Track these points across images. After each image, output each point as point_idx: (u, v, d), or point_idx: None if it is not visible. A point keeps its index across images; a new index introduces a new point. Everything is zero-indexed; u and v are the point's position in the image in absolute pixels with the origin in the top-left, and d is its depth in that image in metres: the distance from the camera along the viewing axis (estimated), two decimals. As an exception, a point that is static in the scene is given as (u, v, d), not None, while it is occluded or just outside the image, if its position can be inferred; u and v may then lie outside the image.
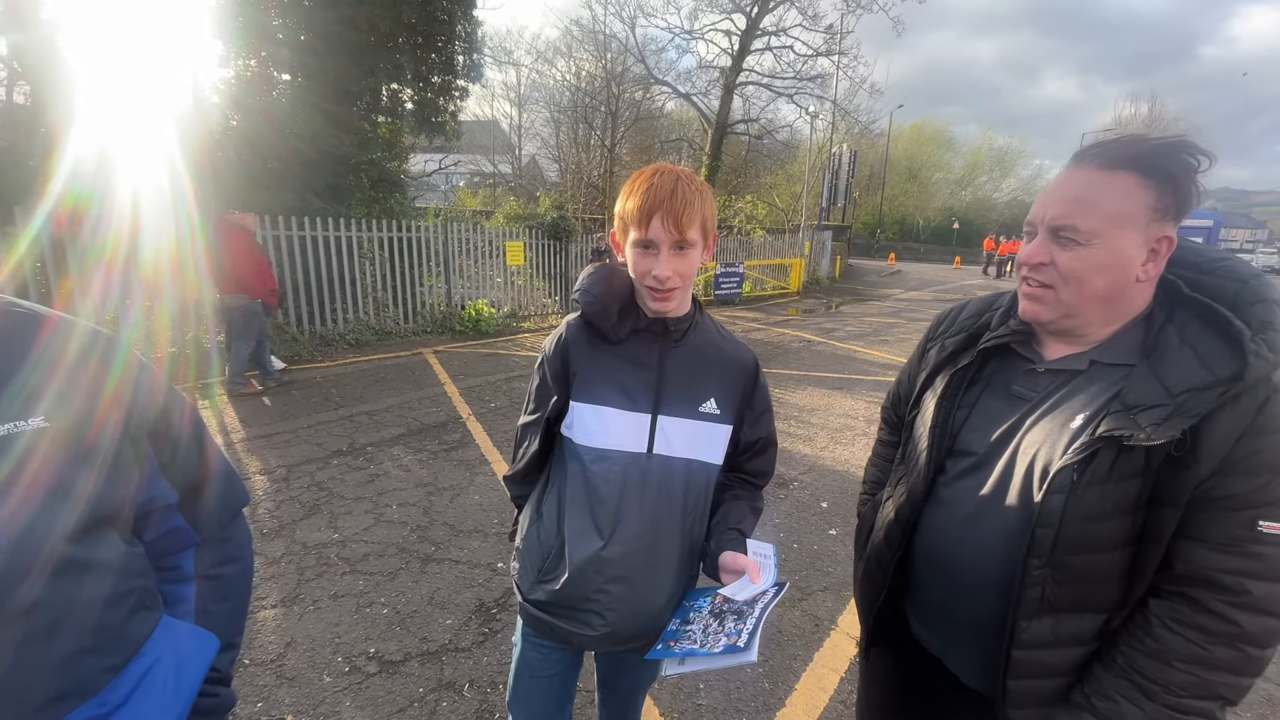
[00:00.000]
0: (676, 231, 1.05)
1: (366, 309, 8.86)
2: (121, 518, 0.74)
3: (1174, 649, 0.82)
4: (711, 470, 1.21)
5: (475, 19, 9.82)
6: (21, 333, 0.69)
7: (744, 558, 1.11)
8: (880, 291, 17.63)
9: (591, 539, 1.14)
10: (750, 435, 1.25)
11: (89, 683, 0.68)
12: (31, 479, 0.64)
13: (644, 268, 1.09)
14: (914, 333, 10.11)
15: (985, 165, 45.90)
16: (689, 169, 1.14)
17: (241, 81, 8.53)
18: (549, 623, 1.19)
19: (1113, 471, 0.84)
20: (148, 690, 0.73)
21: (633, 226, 1.08)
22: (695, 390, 1.18)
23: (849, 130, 25.04)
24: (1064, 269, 0.91)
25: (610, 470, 1.14)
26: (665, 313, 1.15)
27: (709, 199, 1.10)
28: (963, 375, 1.08)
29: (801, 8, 19.74)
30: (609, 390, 1.15)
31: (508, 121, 30.17)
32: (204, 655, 0.83)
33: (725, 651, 0.96)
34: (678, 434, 1.16)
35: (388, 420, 5.10)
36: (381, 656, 2.33)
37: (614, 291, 1.16)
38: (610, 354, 1.16)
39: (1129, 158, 0.87)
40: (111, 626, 0.70)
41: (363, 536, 3.21)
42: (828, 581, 2.91)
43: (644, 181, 1.08)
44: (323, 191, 8.70)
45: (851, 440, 4.85)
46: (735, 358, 1.23)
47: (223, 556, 0.91)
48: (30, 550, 0.62)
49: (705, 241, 1.12)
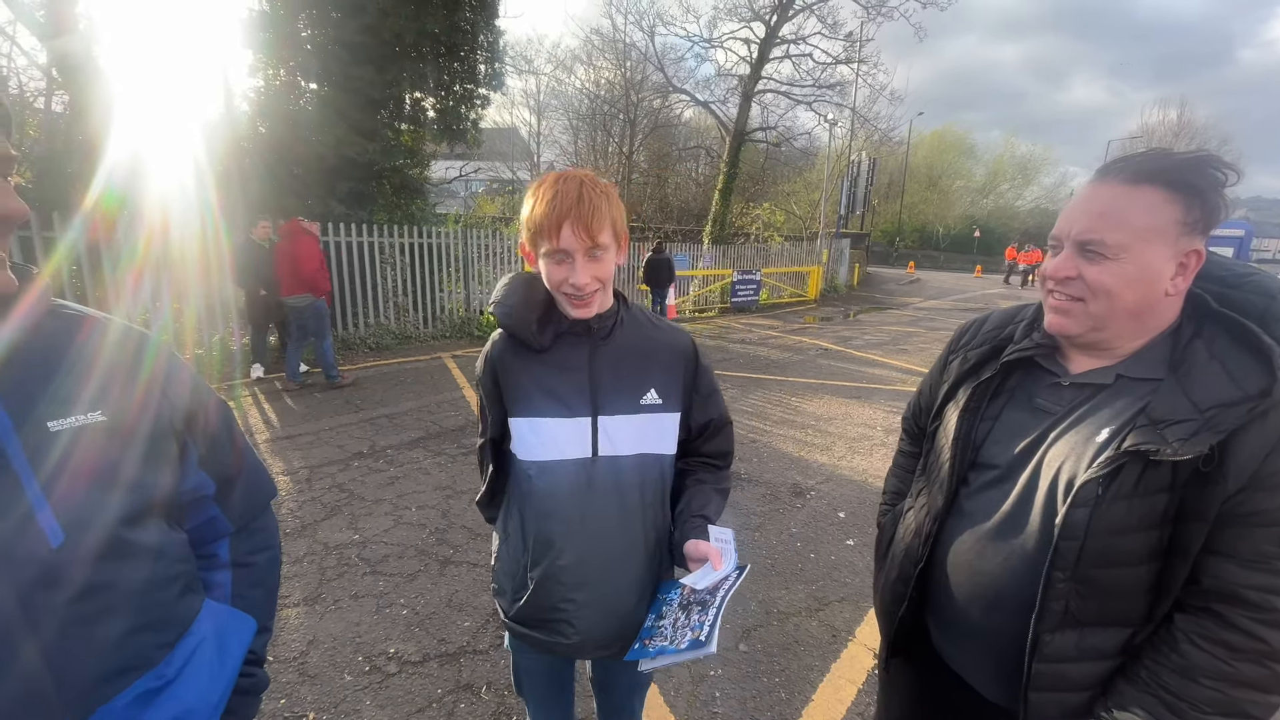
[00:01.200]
0: (589, 238, 1.03)
1: (387, 313, 8.99)
2: (166, 506, 0.79)
3: (1200, 665, 0.82)
4: (665, 460, 1.20)
5: (497, 29, 9.98)
6: (71, 332, 0.73)
7: (705, 545, 1.10)
8: (899, 300, 17.47)
9: (548, 552, 1.14)
10: (700, 418, 1.24)
11: (146, 657, 0.72)
12: (91, 468, 0.68)
13: (560, 277, 1.07)
14: (933, 342, 10.00)
15: (1008, 173, 45.31)
16: (591, 173, 1.12)
17: (270, 90, 8.75)
18: (530, 636, 1.22)
19: (1139, 486, 0.84)
20: (196, 666, 0.78)
21: (543, 238, 1.05)
22: (633, 384, 1.16)
23: (868, 138, 24.93)
24: (1093, 282, 0.90)
25: (557, 482, 1.13)
26: (586, 316, 1.13)
27: (616, 201, 1.09)
28: (986, 388, 1.08)
29: (821, 16, 19.68)
30: (542, 400, 1.13)
31: (527, 129, 30.49)
32: (244, 635, 0.88)
33: (690, 647, 0.98)
34: (621, 432, 1.14)
35: (407, 423, 5.16)
36: (401, 657, 2.36)
37: (532, 300, 1.14)
38: (538, 363, 1.14)
39: (1155, 172, 0.87)
40: (163, 606, 0.75)
41: (383, 538, 3.26)
42: (845, 592, 2.89)
43: (548, 190, 1.05)
44: (346, 197, 8.87)
45: (870, 450, 4.81)
46: (670, 344, 1.21)
47: (255, 545, 0.96)
48: (93, 533, 0.67)
49: (618, 243, 1.11)
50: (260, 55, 8.61)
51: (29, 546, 0.62)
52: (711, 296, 14.30)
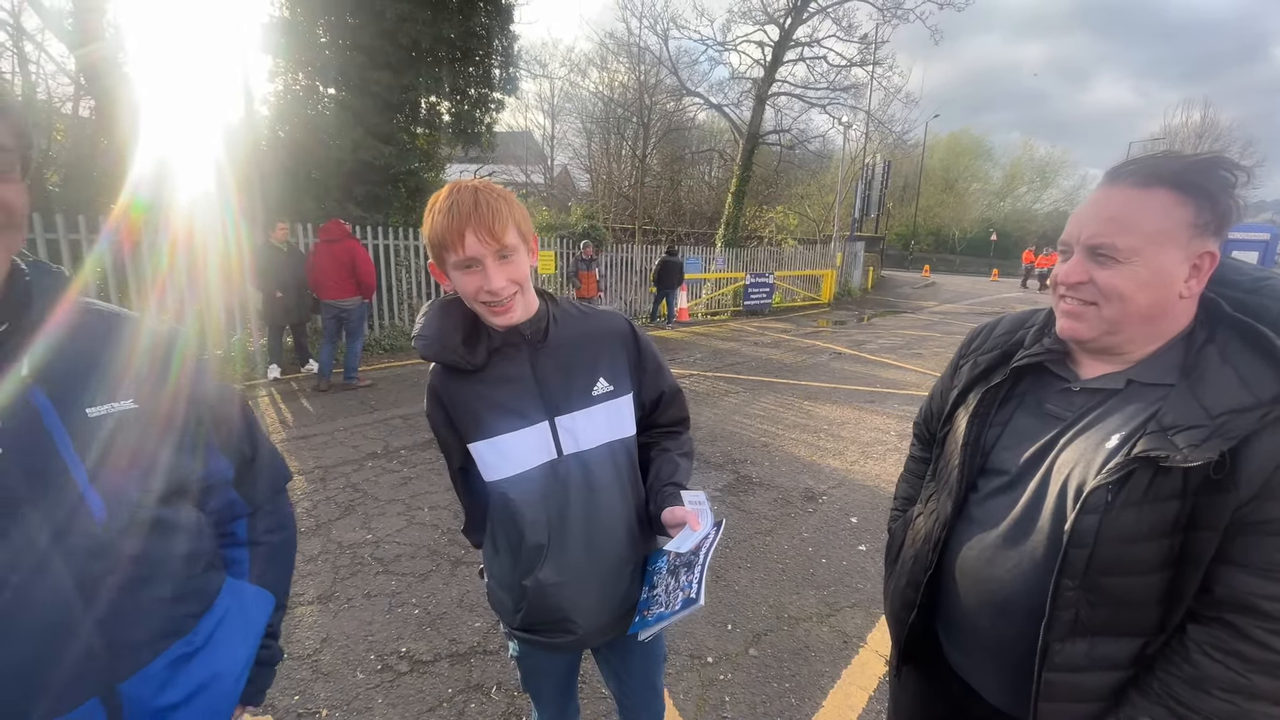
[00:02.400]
0: (494, 240, 1.02)
1: (402, 315, 9.08)
2: (191, 488, 0.85)
3: (1213, 676, 0.80)
4: (629, 443, 1.23)
5: (512, 33, 10.07)
6: (104, 327, 0.78)
7: (681, 509, 1.13)
8: (914, 304, 17.32)
9: (537, 557, 1.15)
10: (652, 393, 1.28)
11: (179, 624, 0.79)
12: (126, 452, 0.74)
13: (474, 286, 1.05)
14: (948, 346, 9.90)
15: (1025, 175, 44.78)
16: (486, 180, 1.11)
17: (289, 94, 8.89)
18: (537, 641, 1.25)
19: (1149, 493, 0.83)
20: (222, 635, 0.84)
21: (448, 249, 1.03)
22: (582, 379, 1.17)
23: (883, 140, 24.76)
24: (1104, 286, 0.90)
25: (528, 491, 1.14)
26: (513, 323, 1.11)
27: (515, 202, 1.08)
28: (995, 393, 1.08)
29: (836, 18, 19.63)
30: (495, 418, 1.13)
31: (540, 132, 30.67)
32: (264, 608, 0.95)
33: (683, 606, 1.03)
34: (581, 427, 1.16)
35: (421, 424, 5.20)
36: (412, 656, 2.39)
37: (450, 323, 1.13)
38: (479, 383, 1.13)
39: (1164, 174, 0.86)
40: (192, 579, 0.81)
41: (395, 538, 3.29)
42: (857, 598, 2.87)
43: (444, 202, 1.04)
44: (362, 200, 8.98)
45: (883, 455, 4.78)
46: (607, 329, 1.23)
47: (271, 525, 1.02)
48: (131, 511, 0.73)
49: (526, 244, 1.10)
50: (280, 60, 8.76)
51: (79, 522, 0.68)
52: (724, 299, 14.28)
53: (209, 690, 0.80)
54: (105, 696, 0.70)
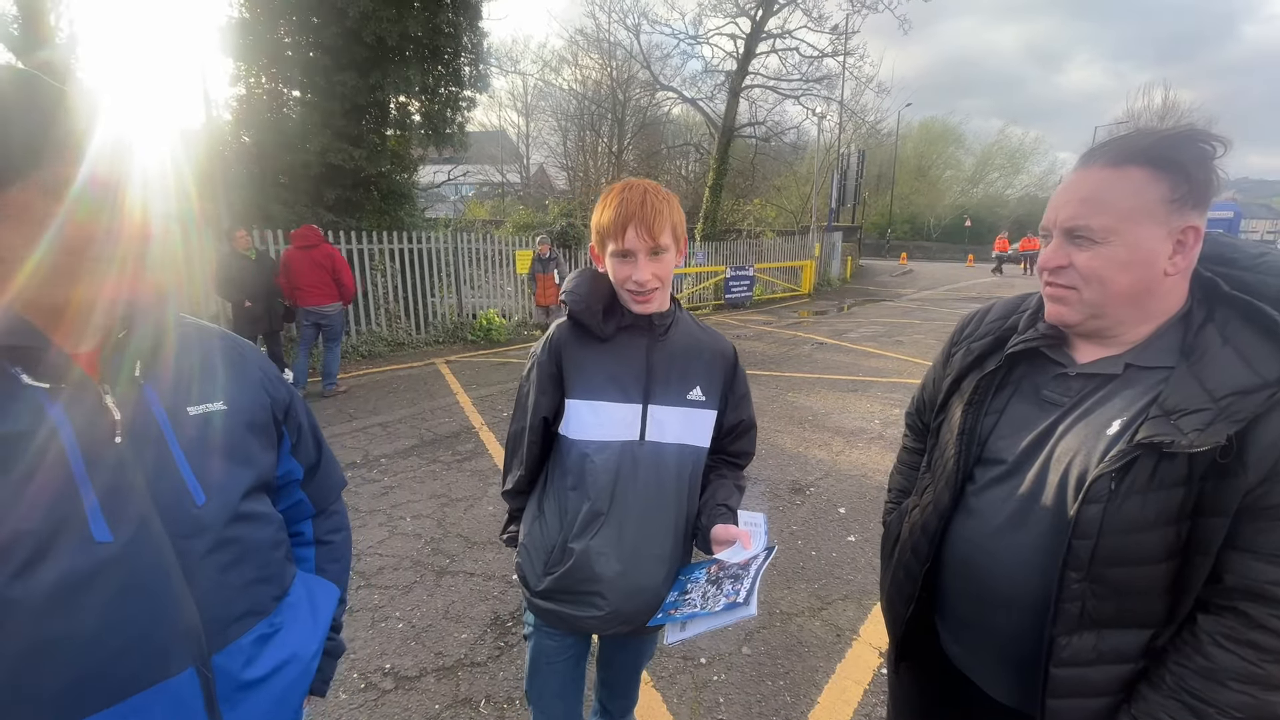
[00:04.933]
0: (650, 239, 1.14)
1: (379, 320, 8.92)
2: (271, 485, 0.93)
3: (1226, 667, 0.78)
4: (700, 453, 1.30)
5: (481, 30, 9.91)
6: (197, 336, 0.88)
7: (734, 528, 1.20)
8: (893, 292, 17.49)
9: (590, 525, 1.22)
10: (733, 419, 1.35)
11: (263, 605, 0.85)
12: (219, 446, 0.83)
13: (624, 274, 1.18)
14: (928, 333, 10.00)
15: (996, 161, 45.45)
16: (655, 182, 1.21)
17: (252, 98, 8.66)
18: (556, 611, 1.27)
19: (1153, 480, 0.80)
20: (296, 620, 0.90)
21: (610, 239, 1.17)
22: (682, 380, 1.26)
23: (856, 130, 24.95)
24: (1084, 269, 0.88)
25: (606, 459, 1.21)
26: (649, 312, 1.23)
27: (676, 207, 1.20)
28: (990, 380, 1.05)
29: (806, 9, 19.63)
30: (603, 385, 1.22)
31: (515, 131, 30.42)
32: (330, 599, 1.01)
33: (726, 609, 1.04)
34: (668, 421, 1.24)
35: (401, 432, 5.10)
36: (397, 672, 2.31)
37: (598, 292, 1.24)
38: (600, 351, 1.24)
39: (1137, 151, 0.85)
40: (273, 564, 0.89)
41: (377, 550, 3.20)
42: (848, 590, 2.85)
43: (616, 196, 1.17)
44: (334, 205, 8.79)
45: (868, 444, 4.78)
46: (716, 348, 1.32)
47: (333, 526, 1.10)
48: (225, 497, 0.81)
49: (677, 245, 1.21)
50: (241, 63, 8.52)
51: (183, 504, 0.76)
52: (705, 293, 14.28)
53: (286, 670, 0.86)
54: (200, 667, 0.75)
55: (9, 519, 0.64)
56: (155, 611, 0.72)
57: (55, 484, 0.67)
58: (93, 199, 0.70)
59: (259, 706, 0.83)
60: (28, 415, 0.67)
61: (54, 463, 0.68)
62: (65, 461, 0.68)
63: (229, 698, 0.79)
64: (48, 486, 0.67)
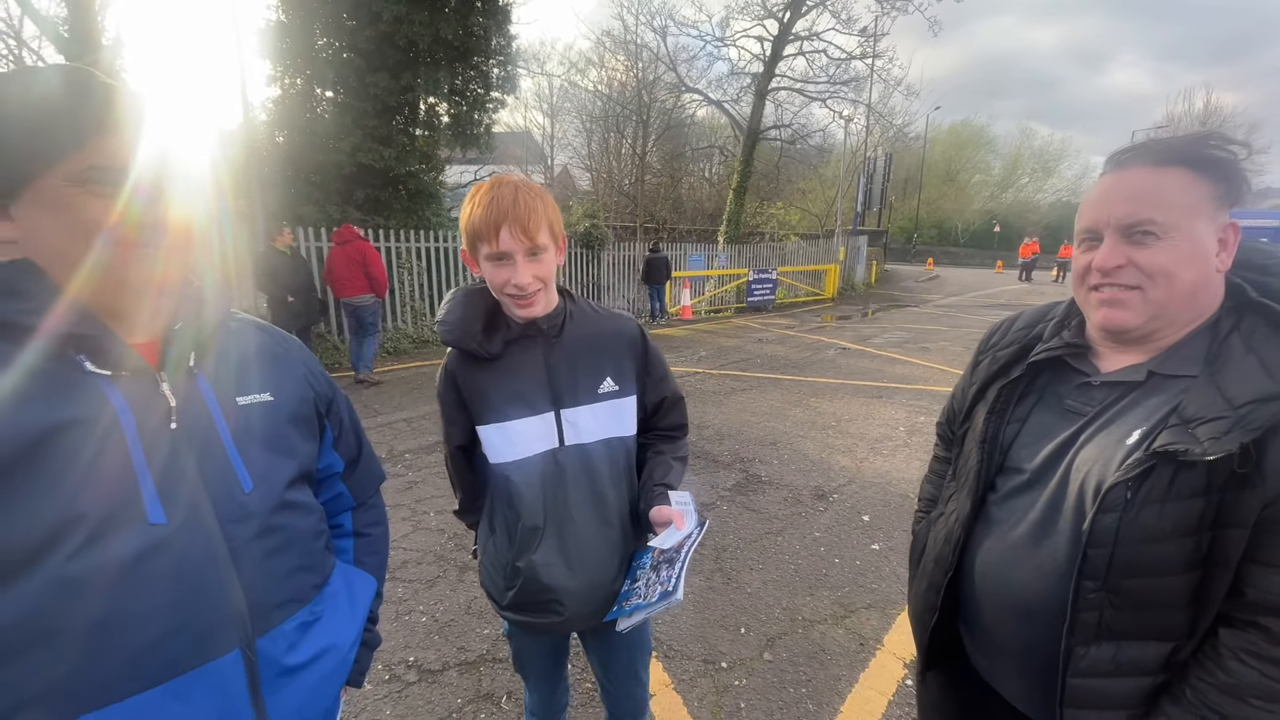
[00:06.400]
0: (527, 239, 1.09)
1: (405, 318, 9.06)
2: (313, 476, 0.95)
3: (1248, 683, 0.76)
4: (628, 441, 1.29)
5: (510, 34, 10.02)
6: (247, 331, 0.91)
7: (667, 509, 1.19)
8: (918, 297, 17.23)
9: (532, 539, 1.21)
10: (654, 398, 1.34)
11: (304, 593, 0.87)
12: (266, 435, 0.85)
13: (503, 278, 1.11)
14: (954, 340, 9.83)
15: (1027, 165, 44.55)
16: (526, 178, 1.17)
17: (287, 99, 8.86)
18: (524, 621, 1.29)
19: (1171, 490, 0.78)
20: (335, 609, 0.92)
21: (483, 241, 1.10)
22: (590, 374, 1.23)
23: (884, 133, 24.64)
24: (1148, 266, 0.85)
25: (528, 476, 1.20)
26: (533, 317, 1.17)
27: (551, 203, 1.15)
28: (1013, 388, 1.04)
29: (835, 11, 19.47)
30: (506, 404, 1.19)
31: (540, 131, 30.64)
32: (368, 590, 1.03)
33: (659, 599, 1.08)
34: (585, 421, 1.22)
35: (425, 427, 5.17)
36: (421, 665, 2.34)
37: (473, 313, 1.19)
38: (494, 371, 1.20)
39: (1176, 153, 0.86)
40: (315, 554, 0.90)
41: (401, 544, 3.25)
42: (872, 598, 2.81)
43: (485, 195, 1.10)
44: (363, 204, 8.95)
45: (892, 451, 4.72)
46: (618, 333, 1.28)
47: (371, 519, 1.12)
48: (271, 485, 0.83)
49: (556, 244, 1.16)
50: (277, 65, 8.73)
51: (231, 490, 0.78)
52: (727, 296, 14.22)
53: (326, 658, 0.88)
54: (244, 650, 0.77)
55: (73, 501, 0.66)
56: (204, 593, 0.74)
57: (116, 467, 0.70)
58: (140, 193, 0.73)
59: (299, 693, 0.85)
60: (91, 402, 0.70)
61: (115, 447, 0.70)
62: (125, 446, 0.71)
63: (271, 682, 0.81)
64: (109, 470, 0.69)
